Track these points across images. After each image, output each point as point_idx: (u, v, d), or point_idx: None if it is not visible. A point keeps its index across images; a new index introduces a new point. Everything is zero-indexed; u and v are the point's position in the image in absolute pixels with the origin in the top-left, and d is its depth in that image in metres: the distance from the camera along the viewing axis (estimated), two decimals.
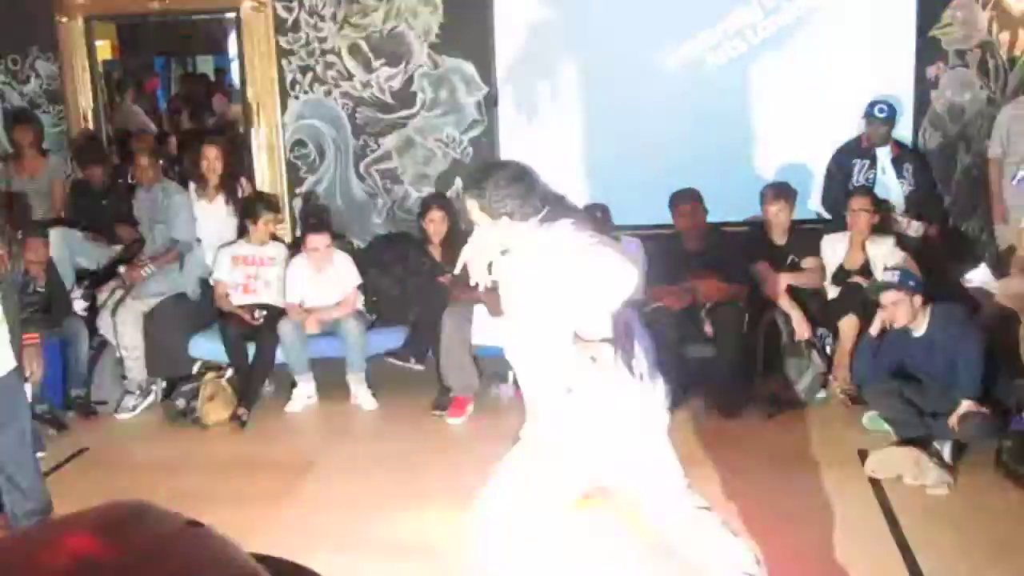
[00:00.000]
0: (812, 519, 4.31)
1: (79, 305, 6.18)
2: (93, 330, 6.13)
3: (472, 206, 3.00)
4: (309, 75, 6.99)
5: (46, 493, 4.04)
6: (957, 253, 6.29)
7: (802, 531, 4.18)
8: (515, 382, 5.90)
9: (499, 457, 5.02)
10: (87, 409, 5.93)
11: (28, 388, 4.17)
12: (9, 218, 4.57)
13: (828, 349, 5.84)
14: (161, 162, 6.85)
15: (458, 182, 6.97)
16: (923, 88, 6.58)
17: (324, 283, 6.11)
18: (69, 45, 7.14)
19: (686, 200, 5.85)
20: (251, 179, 6.98)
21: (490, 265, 3.15)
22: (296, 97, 7.03)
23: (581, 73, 6.78)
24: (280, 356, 5.99)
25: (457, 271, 3.31)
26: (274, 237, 6.49)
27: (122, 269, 6.26)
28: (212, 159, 6.49)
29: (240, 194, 6.58)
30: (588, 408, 2.90)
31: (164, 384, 6.16)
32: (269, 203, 6.47)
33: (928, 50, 6.54)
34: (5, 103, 7.27)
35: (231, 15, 7.17)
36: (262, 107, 7.04)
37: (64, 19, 7.08)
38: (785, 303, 5.76)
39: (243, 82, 7.27)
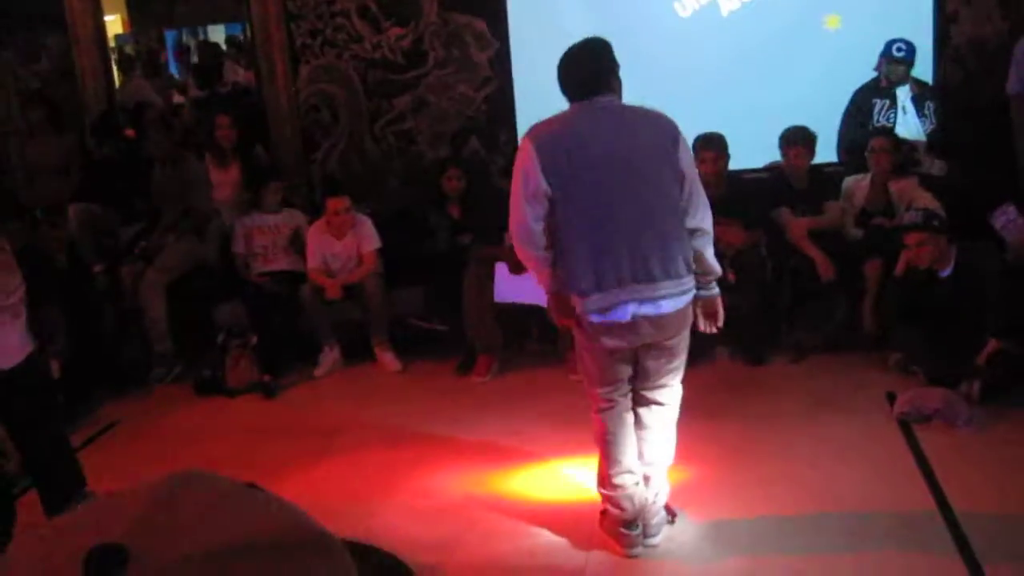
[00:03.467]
0: (841, 463, 4.30)
1: (101, 280, 6.20)
2: (116, 304, 6.16)
3: None
4: (319, 38, 6.94)
5: (77, 469, 4.08)
6: (982, 191, 6.19)
7: (831, 475, 4.18)
8: (538, 339, 5.92)
9: (526, 414, 5.06)
10: (115, 383, 5.96)
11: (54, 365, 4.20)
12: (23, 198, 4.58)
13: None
14: (175, 133, 6.84)
15: (474, 139, 6.95)
16: (943, 24, 6.45)
17: (343, 247, 6.10)
18: (78, 21, 7.11)
19: (712, 147, 5.74)
20: (266, 146, 6.98)
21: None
22: (307, 62, 6.99)
23: (594, 24, 6.66)
24: (303, 322, 6.01)
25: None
26: (289, 203, 6.50)
27: (142, 243, 6.27)
28: (225, 127, 6.52)
29: (257, 162, 6.60)
30: None
31: (190, 354, 6.19)
32: (274, 170, 6.48)
33: None
34: (18, 81, 7.26)
35: None
36: (274, 73, 7.00)
37: None
38: (807, 247, 5.72)
39: (254, 49, 7.23)
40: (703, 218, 3.48)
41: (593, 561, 3.68)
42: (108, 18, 8.37)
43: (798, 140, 5.90)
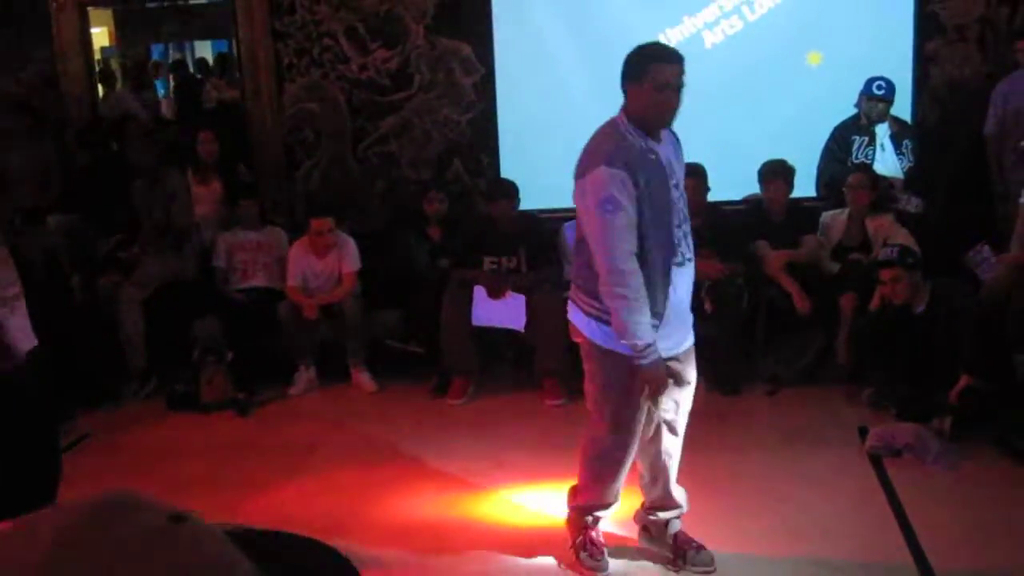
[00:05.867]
0: (812, 496, 4.31)
1: (78, 292, 6.17)
2: (93, 317, 6.13)
3: None
4: (305, 58, 6.96)
5: (53, 484, 4.05)
6: (957, 230, 6.26)
7: (802, 508, 4.19)
8: (514, 362, 5.93)
9: (500, 438, 5.06)
10: (88, 396, 5.92)
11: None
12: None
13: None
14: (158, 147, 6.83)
15: (457, 163, 6.97)
16: (922, 64, 6.55)
17: (324, 266, 6.10)
18: (64, 32, 7.11)
19: (691, 175, 5.78)
20: (249, 163, 6.99)
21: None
22: (293, 80, 7.01)
23: (578, 53, 6.74)
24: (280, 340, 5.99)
25: None
26: (272, 222, 6.50)
27: (121, 255, 6.24)
28: (208, 143, 6.53)
29: (240, 178, 6.61)
30: None
31: (164, 369, 6.15)
32: (253, 187, 6.50)
33: (927, 25, 6.50)
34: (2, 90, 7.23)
35: None
36: (259, 91, 7.01)
37: (58, 5, 7.05)
38: (784, 280, 5.76)
39: (240, 66, 7.25)
40: None
41: None
42: (95, 30, 8.36)
43: (777, 173, 5.96)
